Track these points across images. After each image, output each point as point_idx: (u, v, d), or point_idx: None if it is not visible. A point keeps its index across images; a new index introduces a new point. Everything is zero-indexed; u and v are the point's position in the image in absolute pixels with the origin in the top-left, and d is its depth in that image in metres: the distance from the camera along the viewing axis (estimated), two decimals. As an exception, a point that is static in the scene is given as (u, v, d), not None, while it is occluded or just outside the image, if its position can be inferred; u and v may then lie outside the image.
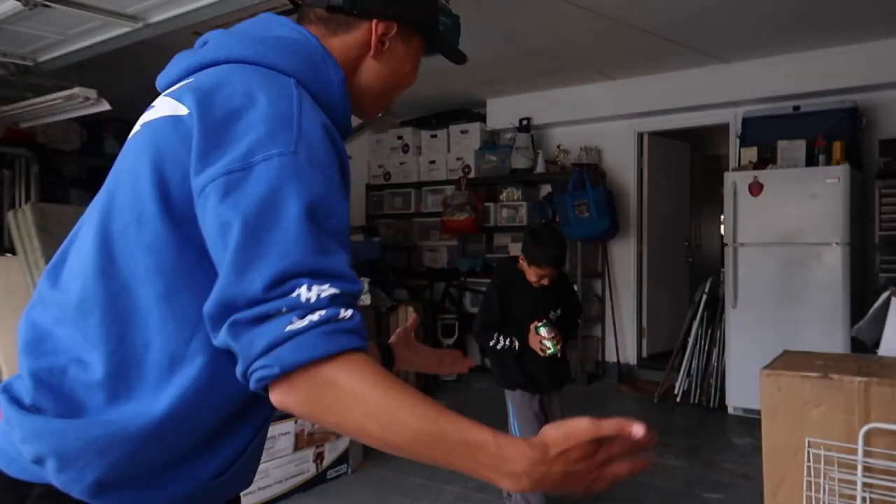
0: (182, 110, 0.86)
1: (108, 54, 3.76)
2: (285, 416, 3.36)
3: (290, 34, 0.96)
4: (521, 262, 2.91)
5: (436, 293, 6.54)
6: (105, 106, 3.94)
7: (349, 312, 0.78)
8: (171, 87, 0.95)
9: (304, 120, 0.83)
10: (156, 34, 3.43)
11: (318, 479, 3.49)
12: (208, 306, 0.77)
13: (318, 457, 3.50)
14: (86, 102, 3.92)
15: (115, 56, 3.86)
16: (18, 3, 3.03)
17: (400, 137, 6.94)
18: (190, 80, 0.92)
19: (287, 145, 0.80)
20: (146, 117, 0.93)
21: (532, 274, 2.87)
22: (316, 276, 0.77)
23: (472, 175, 6.43)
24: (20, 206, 5.03)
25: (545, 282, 2.85)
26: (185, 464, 0.87)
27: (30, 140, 5.41)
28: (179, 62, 0.97)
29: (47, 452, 0.84)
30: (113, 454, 0.82)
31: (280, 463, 3.30)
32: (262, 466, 3.53)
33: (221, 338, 0.77)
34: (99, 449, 0.82)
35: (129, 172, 0.89)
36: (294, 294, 0.75)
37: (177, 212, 0.84)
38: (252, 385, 0.77)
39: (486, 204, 6.34)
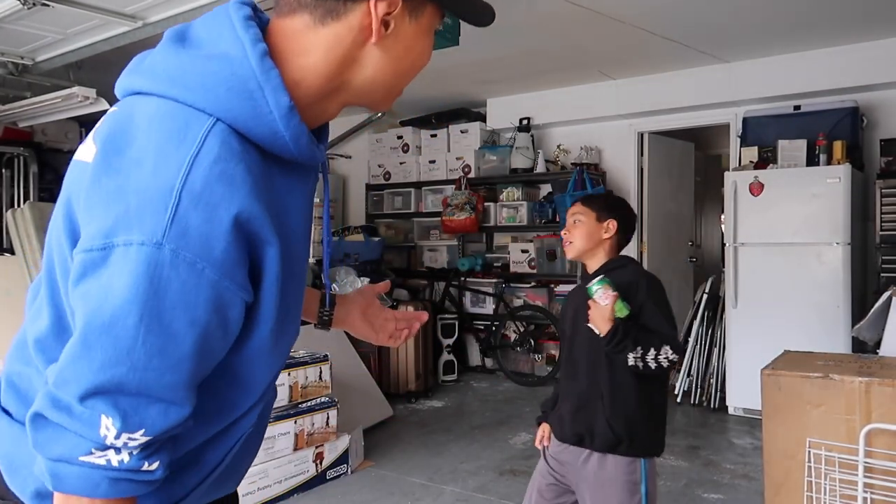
0: (90, 157, 0.80)
1: (107, 53, 3.76)
2: (284, 416, 3.36)
3: (229, 49, 0.80)
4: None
5: (436, 293, 6.54)
6: (104, 105, 3.94)
7: (154, 465, 0.77)
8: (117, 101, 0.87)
9: (186, 199, 0.72)
10: (155, 33, 3.43)
11: (318, 480, 3.49)
12: (50, 370, 0.77)
13: (318, 457, 3.49)
14: (84, 102, 3.92)
15: (113, 55, 3.85)
16: (17, 2, 3.03)
17: (400, 137, 6.94)
18: (115, 108, 0.83)
19: (152, 233, 0.72)
20: (76, 155, 0.87)
21: None
22: (130, 415, 0.74)
23: (472, 175, 6.42)
24: (19, 205, 5.03)
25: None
26: None
27: (28, 139, 5.40)
28: (126, 75, 0.85)
29: (2, 455, 0.86)
30: None
31: (280, 463, 3.29)
32: (261, 467, 3.50)
33: (43, 390, 0.76)
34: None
35: (57, 214, 0.84)
36: (98, 427, 0.73)
37: None
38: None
39: (486, 204, 6.33)
